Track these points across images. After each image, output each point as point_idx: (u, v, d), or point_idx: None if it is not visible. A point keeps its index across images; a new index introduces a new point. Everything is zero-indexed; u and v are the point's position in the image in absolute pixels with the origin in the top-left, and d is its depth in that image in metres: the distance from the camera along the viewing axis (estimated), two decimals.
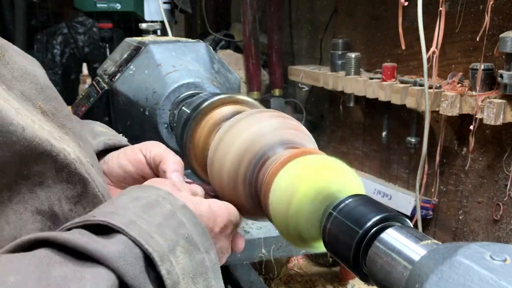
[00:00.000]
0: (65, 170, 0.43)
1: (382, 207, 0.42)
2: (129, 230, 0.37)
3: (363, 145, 1.76)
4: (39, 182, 0.41)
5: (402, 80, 1.39)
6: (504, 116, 1.08)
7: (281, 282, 1.63)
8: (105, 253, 0.34)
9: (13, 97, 0.42)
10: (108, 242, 0.35)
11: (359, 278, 0.42)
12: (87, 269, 0.33)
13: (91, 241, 0.34)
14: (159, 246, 0.37)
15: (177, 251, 0.39)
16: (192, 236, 0.41)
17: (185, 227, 0.42)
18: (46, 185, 0.41)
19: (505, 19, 1.13)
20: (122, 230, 0.37)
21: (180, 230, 0.41)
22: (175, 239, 0.39)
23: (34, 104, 0.45)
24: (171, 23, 2.11)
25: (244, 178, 0.55)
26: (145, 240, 0.37)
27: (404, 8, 1.19)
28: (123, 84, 0.98)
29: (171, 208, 0.43)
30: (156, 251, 0.37)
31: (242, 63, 2.06)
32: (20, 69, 0.44)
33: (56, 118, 0.47)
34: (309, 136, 0.59)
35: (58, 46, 3.00)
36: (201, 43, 1.09)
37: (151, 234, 0.38)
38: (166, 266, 0.37)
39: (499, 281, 0.27)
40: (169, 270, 0.37)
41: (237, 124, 0.59)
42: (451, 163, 1.36)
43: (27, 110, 0.43)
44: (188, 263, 0.39)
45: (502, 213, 1.21)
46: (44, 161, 0.41)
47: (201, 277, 0.40)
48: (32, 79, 0.45)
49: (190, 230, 0.42)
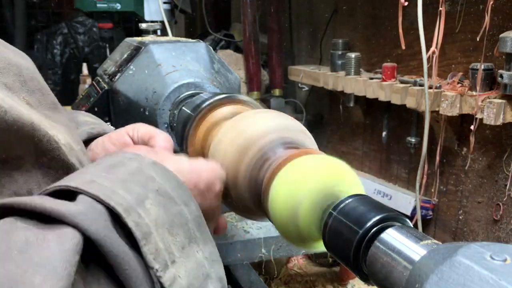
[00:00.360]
0: (47, 156, 0.41)
1: (382, 207, 0.42)
2: (88, 188, 0.35)
3: (363, 145, 1.76)
4: (17, 166, 0.40)
5: (402, 80, 1.39)
6: (504, 116, 1.08)
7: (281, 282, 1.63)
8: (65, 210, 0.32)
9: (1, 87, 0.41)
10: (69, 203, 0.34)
11: (359, 278, 0.42)
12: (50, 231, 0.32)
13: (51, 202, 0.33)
14: (124, 200, 0.35)
15: (147, 203, 0.36)
16: (165, 190, 0.39)
17: (155, 181, 0.39)
18: (24, 169, 0.40)
19: (505, 19, 1.13)
20: (81, 190, 0.35)
21: (149, 184, 0.39)
22: (143, 193, 0.37)
23: (18, 96, 0.44)
24: (171, 23, 2.11)
25: (244, 178, 0.55)
26: (106, 195, 0.35)
27: (404, 8, 1.19)
28: (123, 84, 0.98)
29: (138, 166, 0.40)
30: (120, 204, 0.35)
31: (242, 63, 2.06)
32: (2, 60, 0.43)
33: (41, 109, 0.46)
34: (309, 136, 0.59)
35: (58, 46, 3.00)
36: (201, 43, 1.09)
37: (114, 189, 0.36)
38: (133, 218, 0.34)
39: (499, 281, 0.27)
40: (137, 221, 0.35)
41: (237, 124, 0.59)
42: (451, 163, 1.36)
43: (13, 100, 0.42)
44: (162, 215, 0.37)
45: (502, 213, 1.21)
46: (25, 146, 0.39)
47: (181, 228, 0.38)
48: (15, 71, 0.44)
49: (161, 183, 0.39)
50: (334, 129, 1.93)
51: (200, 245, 0.39)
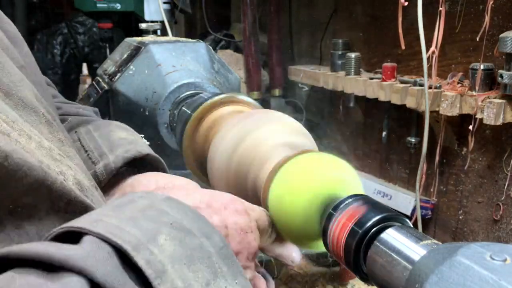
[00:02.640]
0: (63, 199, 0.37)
1: (382, 207, 0.42)
2: (92, 227, 0.31)
3: (363, 145, 1.76)
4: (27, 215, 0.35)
5: (402, 80, 1.39)
6: (504, 116, 1.08)
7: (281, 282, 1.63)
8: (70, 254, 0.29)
9: (11, 106, 0.37)
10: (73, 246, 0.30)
11: (359, 278, 0.41)
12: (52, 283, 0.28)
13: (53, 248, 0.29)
14: (132, 237, 0.32)
15: (160, 239, 0.33)
16: (181, 223, 0.35)
17: (169, 215, 0.36)
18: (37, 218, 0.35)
19: (505, 19, 1.13)
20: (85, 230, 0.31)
21: (162, 218, 0.35)
22: (155, 228, 0.33)
23: (36, 112, 0.39)
24: (171, 23, 2.11)
25: (244, 178, 0.55)
26: (112, 234, 0.31)
27: (404, 8, 1.19)
28: (123, 84, 0.98)
29: (149, 202, 0.37)
30: (128, 242, 0.31)
31: (242, 63, 2.06)
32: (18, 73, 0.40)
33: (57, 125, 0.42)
34: (309, 136, 0.59)
35: (58, 46, 3.00)
36: (201, 43, 1.09)
37: (122, 227, 0.32)
38: (144, 255, 0.31)
39: (499, 281, 0.27)
40: (149, 259, 0.31)
41: (237, 124, 0.59)
42: (451, 163, 1.36)
43: (27, 122, 0.38)
44: (178, 250, 0.33)
45: (502, 213, 1.21)
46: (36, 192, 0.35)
47: (203, 263, 0.34)
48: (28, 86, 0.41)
49: (176, 217, 0.36)
50: (334, 129, 1.93)
51: (229, 280, 0.35)
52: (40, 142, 0.37)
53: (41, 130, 0.39)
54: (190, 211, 0.37)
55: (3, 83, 0.38)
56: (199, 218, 0.37)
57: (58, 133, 0.42)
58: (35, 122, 0.39)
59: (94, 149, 0.58)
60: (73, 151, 0.43)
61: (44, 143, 0.38)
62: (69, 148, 0.43)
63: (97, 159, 0.56)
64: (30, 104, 0.39)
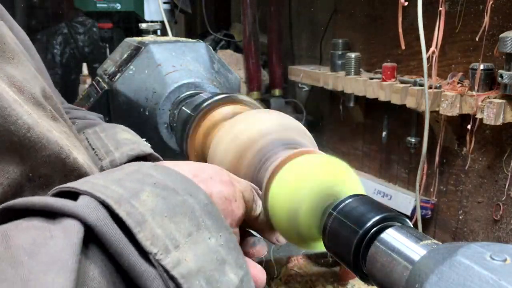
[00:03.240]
0: (75, 173, 0.41)
1: (382, 207, 0.42)
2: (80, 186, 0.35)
3: (363, 145, 1.76)
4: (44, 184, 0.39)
5: (402, 80, 1.39)
6: (504, 116, 1.08)
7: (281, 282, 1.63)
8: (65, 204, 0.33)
9: (24, 101, 0.41)
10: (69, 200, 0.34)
11: (359, 278, 0.41)
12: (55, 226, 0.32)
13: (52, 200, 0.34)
14: (115, 193, 0.35)
15: (142, 195, 0.35)
16: (164, 183, 0.37)
17: (153, 177, 0.38)
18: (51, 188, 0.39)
19: (505, 19, 1.13)
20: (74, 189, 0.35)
21: (146, 179, 0.37)
22: (138, 187, 0.36)
23: (44, 108, 0.43)
24: (171, 23, 2.11)
25: (244, 178, 0.55)
26: (97, 191, 0.34)
27: (404, 8, 1.19)
28: (123, 84, 0.98)
29: (136, 168, 0.40)
30: (111, 197, 0.34)
31: (242, 63, 2.06)
32: (31, 71, 0.44)
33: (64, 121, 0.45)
34: (309, 136, 0.59)
35: (58, 46, 3.00)
36: (201, 43, 1.09)
37: (107, 185, 0.35)
38: (125, 208, 0.34)
39: (499, 281, 0.27)
40: (129, 211, 0.34)
41: (237, 124, 0.59)
42: (451, 163, 1.36)
43: (38, 116, 0.42)
44: (160, 204, 0.35)
45: (502, 213, 1.21)
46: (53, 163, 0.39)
47: (185, 217, 0.36)
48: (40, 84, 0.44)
49: (160, 178, 0.38)
50: (334, 129, 1.93)
51: (213, 232, 0.37)
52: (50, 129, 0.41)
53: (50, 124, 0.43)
54: (175, 173, 0.39)
55: (18, 80, 0.41)
56: (184, 179, 0.39)
57: (64, 128, 0.46)
58: (43, 117, 0.42)
59: (101, 147, 0.62)
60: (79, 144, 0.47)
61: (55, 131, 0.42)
62: (75, 140, 0.47)
63: (103, 155, 0.61)
64: (38, 100, 0.43)
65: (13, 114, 0.36)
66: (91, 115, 0.75)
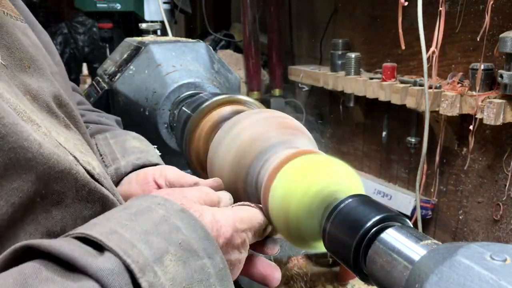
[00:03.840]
0: (86, 189, 0.41)
1: (382, 207, 0.42)
2: (107, 240, 0.34)
3: (363, 145, 1.76)
4: (56, 201, 0.38)
5: (402, 80, 1.39)
6: (504, 116, 1.08)
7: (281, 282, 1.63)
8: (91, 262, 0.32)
9: (37, 109, 0.41)
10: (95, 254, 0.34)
11: (359, 278, 0.41)
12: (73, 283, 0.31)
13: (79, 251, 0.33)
14: (141, 256, 0.34)
15: (166, 259, 0.36)
16: (189, 241, 0.38)
17: (180, 231, 0.38)
18: (64, 204, 0.39)
19: (505, 19, 1.13)
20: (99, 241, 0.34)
21: (172, 235, 0.38)
22: (164, 247, 0.36)
23: (57, 116, 0.43)
24: (171, 23, 2.11)
25: (244, 178, 0.55)
26: (124, 251, 0.34)
27: (404, 8, 1.19)
28: (123, 84, 0.98)
29: (164, 214, 0.39)
30: (136, 262, 0.34)
31: (242, 63, 2.06)
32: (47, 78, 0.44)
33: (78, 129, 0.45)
34: (309, 136, 0.59)
35: (58, 46, 3.00)
36: (201, 43, 1.09)
37: (134, 243, 0.35)
38: (148, 278, 0.34)
39: (499, 281, 0.27)
40: (152, 282, 0.34)
41: (237, 124, 0.59)
42: (451, 163, 1.36)
43: (51, 123, 0.42)
44: (180, 272, 0.36)
45: (502, 213, 1.21)
46: (65, 179, 0.38)
47: (200, 285, 0.37)
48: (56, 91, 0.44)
49: (186, 234, 0.39)
50: (334, 129, 1.93)
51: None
52: (66, 138, 0.42)
53: (63, 131, 0.43)
54: (200, 228, 0.40)
55: (33, 88, 0.42)
56: (206, 236, 0.40)
57: (77, 135, 0.46)
58: (56, 125, 0.43)
59: (108, 154, 0.63)
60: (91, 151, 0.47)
61: (70, 139, 0.42)
62: (87, 147, 0.47)
63: (110, 162, 0.62)
64: (52, 108, 0.43)
65: (24, 130, 0.35)
66: (107, 119, 0.75)
